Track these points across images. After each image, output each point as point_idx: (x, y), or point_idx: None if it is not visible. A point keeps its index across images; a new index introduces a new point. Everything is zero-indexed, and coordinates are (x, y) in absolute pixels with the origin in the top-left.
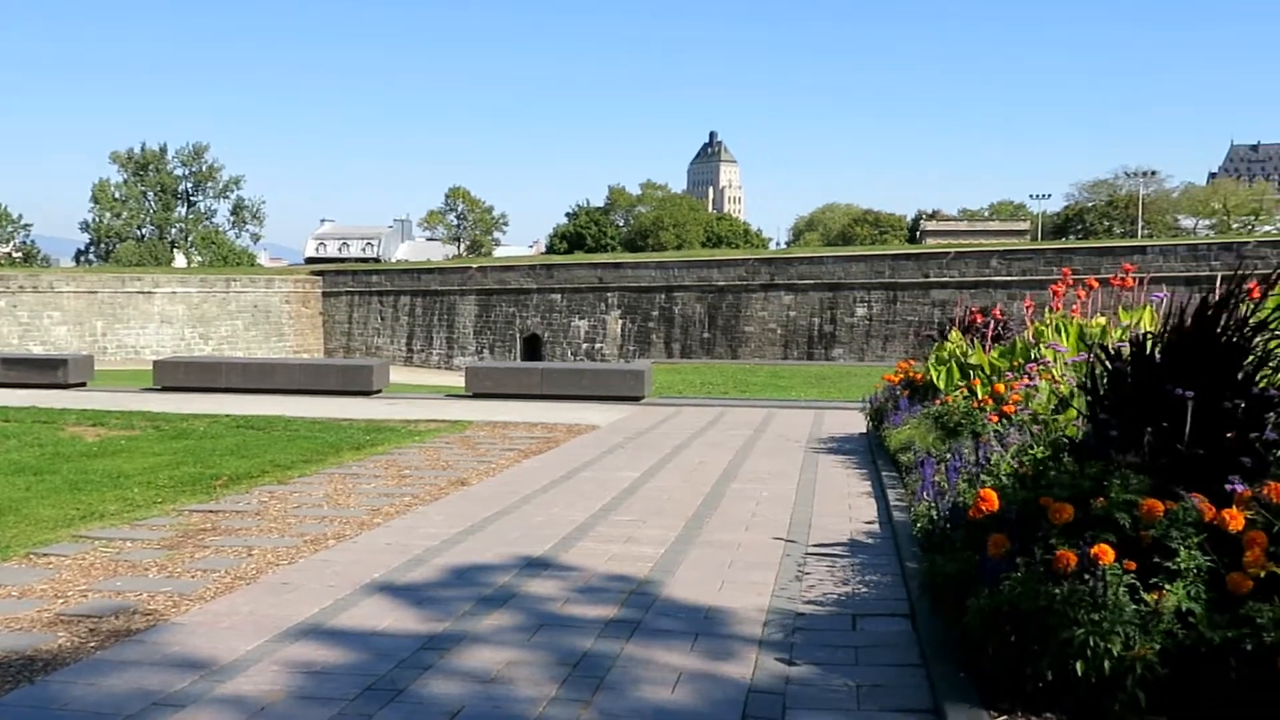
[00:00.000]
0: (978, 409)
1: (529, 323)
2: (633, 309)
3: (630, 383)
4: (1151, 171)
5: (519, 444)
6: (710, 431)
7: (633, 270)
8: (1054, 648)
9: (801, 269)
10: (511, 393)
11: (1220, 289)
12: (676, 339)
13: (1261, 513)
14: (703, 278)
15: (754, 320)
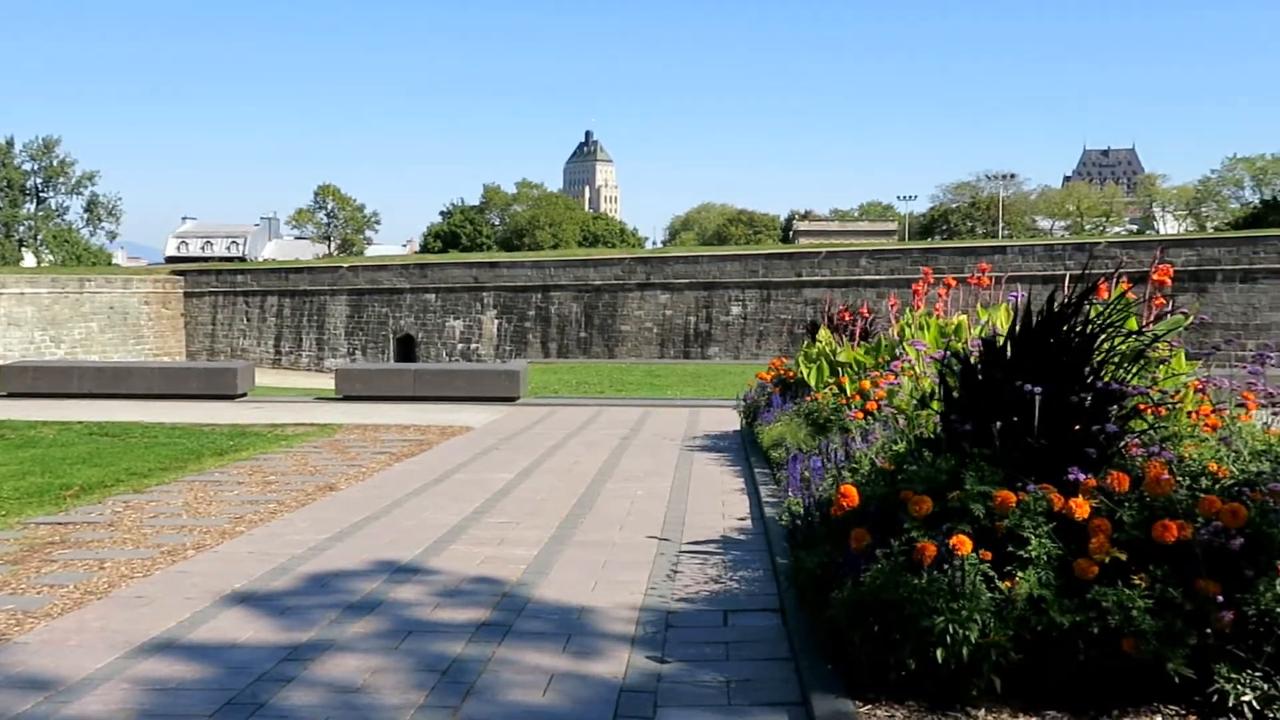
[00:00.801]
0: (846, 405)
1: (402, 323)
2: (509, 309)
3: (505, 383)
4: (1011, 174)
5: (390, 447)
6: (586, 431)
7: (508, 270)
8: (915, 636)
9: (677, 268)
10: (383, 395)
11: (1069, 288)
12: (553, 338)
13: (1105, 501)
14: (579, 277)
15: (630, 319)
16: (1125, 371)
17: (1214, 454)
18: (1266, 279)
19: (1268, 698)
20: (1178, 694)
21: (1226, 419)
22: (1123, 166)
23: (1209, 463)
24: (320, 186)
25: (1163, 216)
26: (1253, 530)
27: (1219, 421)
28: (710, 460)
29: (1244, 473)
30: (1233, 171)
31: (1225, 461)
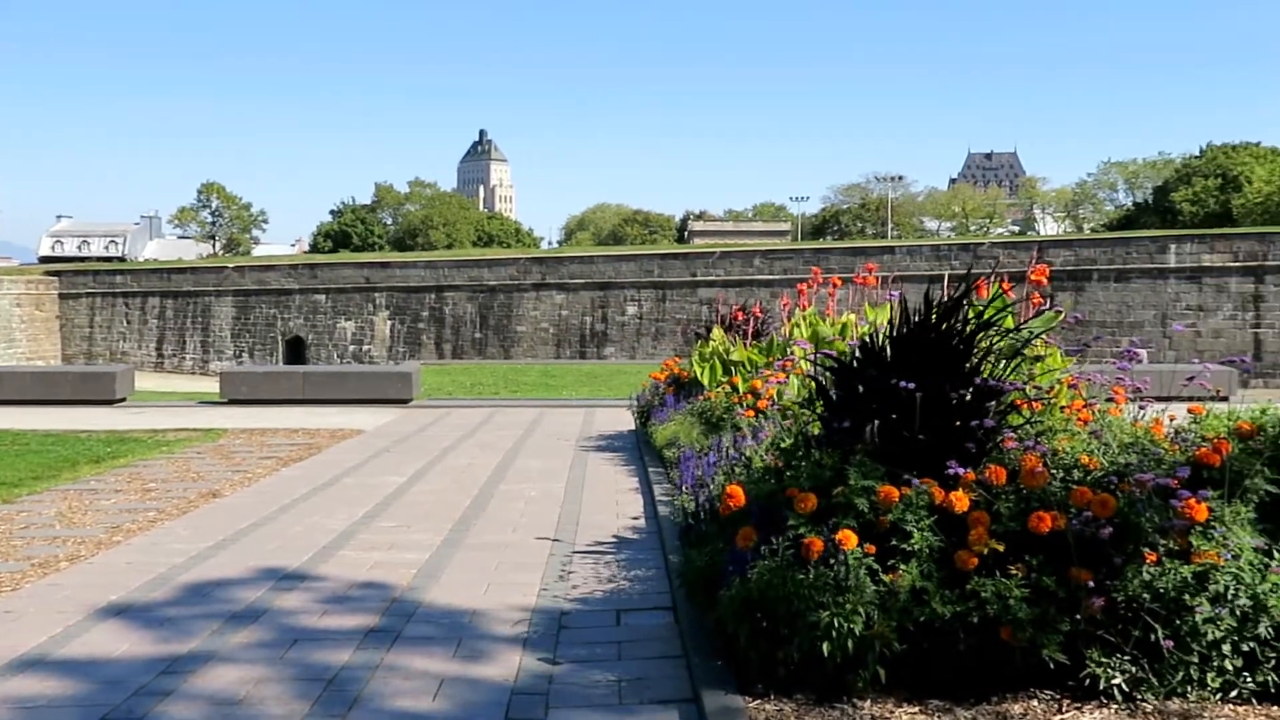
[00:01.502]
0: (738, 404)
1: (291, 325)
2: (402, 309)
3: (398, 385)
4: (899, 176)
5: (278, 451)
6: (480, 432)
7: (401, 270)
8: (802, 631)
9: (573, 268)
10: (271, 398)
11: (949, 288)
12: (448, 339)
13: (984, 494)
14: (474, 277)
15: (526, 320)
16: (1003, 368)
17: (1085, 447)
18: (1139, 278)
19: (1136, 680)
20: (1053, 679)
21: (1097, 413)
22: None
23: (1081, 455)
24: (204, 184)
25: (1043, 218)
26: (1121, 519)
27: (1090, 416)
28: (605, 460)
29: (1113, 464)
30: (1107, 175)
31: (1096, 454)
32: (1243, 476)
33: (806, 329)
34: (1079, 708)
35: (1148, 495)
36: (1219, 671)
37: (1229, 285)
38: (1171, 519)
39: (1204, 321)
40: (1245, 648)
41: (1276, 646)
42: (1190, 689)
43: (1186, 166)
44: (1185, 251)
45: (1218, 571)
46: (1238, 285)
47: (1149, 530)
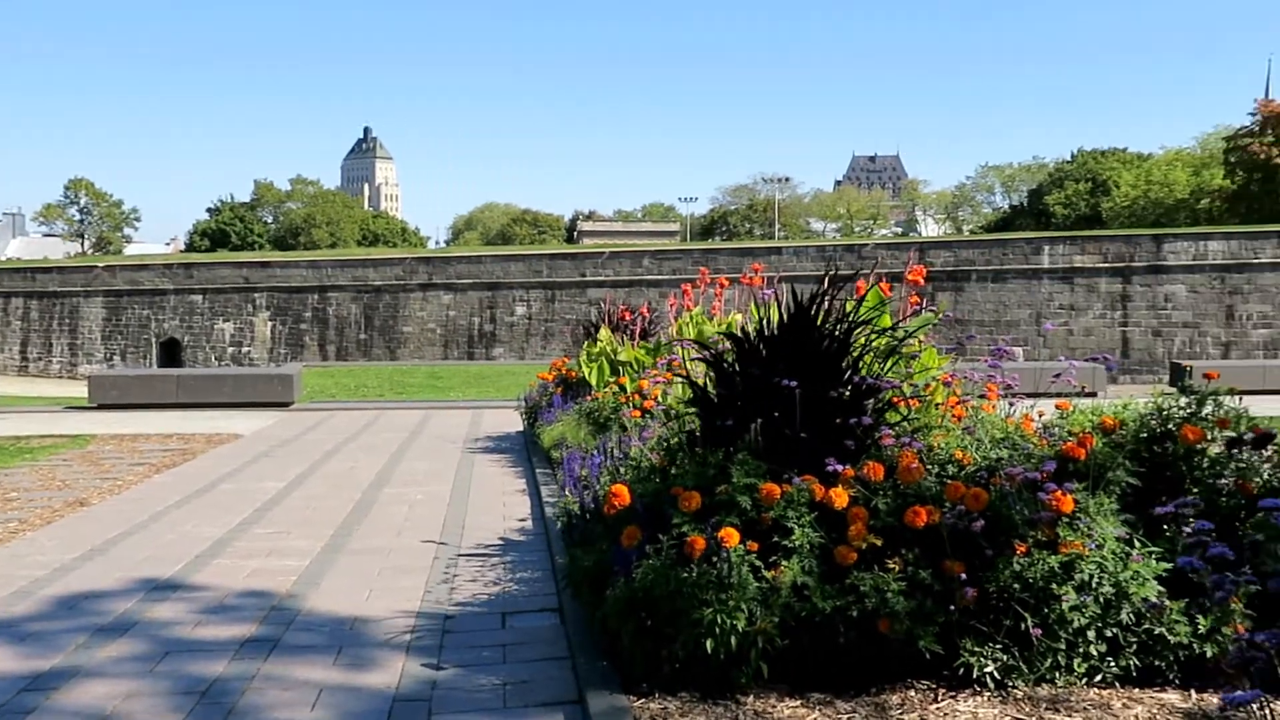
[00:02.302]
0: (626, 404)
1: (166, 326)
2: (283, 310)
3: (278, 388)
4: (786, 178)
5: (150, 458)
6: (364, 435)
7: (282, 270)
8: (686, 628)
9: (461, 268)
10: (143, 402)
11: (827, 288)
12: (331, 341)
13: (862, 490)
14: (358, 277)
15: (413, 320)
16: (881, 367)
17: (959, 443)
18: (1015, 278)
19: (1007, 668)
20: (929, 669)
21: (971, 410)
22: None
23: (955, 451)
24: (72, 180)
25: (924, 219)
26: (993, 513)
27: (964, 412)
28: (492, 462)
29: (986, 459)
30: (985, 178)
31: (969, 449)
32: (1106, 469)
33: (692, 329)
34: (954, 696)
35: (1018, 489)
36: (1085, 657)
37: (1099, 285)
38: (1040, 511)
39: (1076, 320)
40: (1109, 634)
41: (1137, 632)
42: (1058, 675)
43: (1059, 171)
44: (1058, 253)
45: (1083, 561)
46: (1107, 285)
47: (1019, 522)
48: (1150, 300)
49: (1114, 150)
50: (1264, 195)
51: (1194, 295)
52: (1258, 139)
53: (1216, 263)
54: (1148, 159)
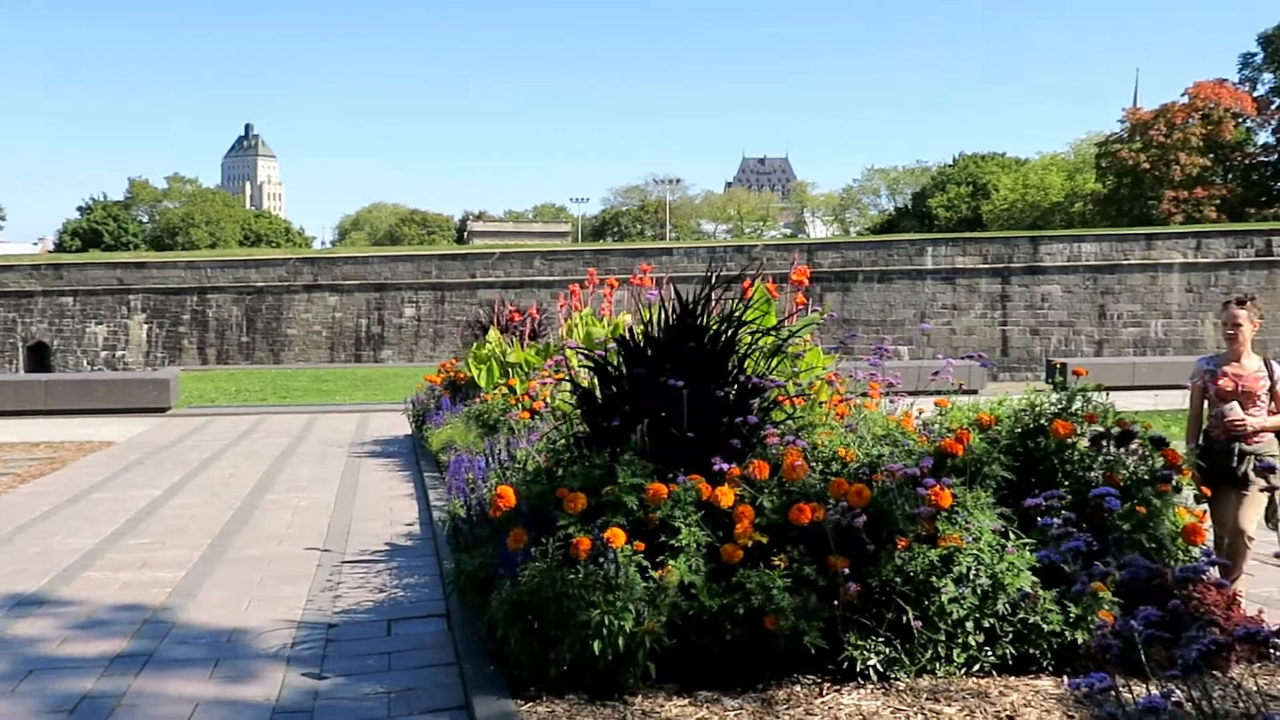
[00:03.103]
0: (515, 405)
1: (34, 330)
2: (160, 312)
3: (154, 393)
4: (677, 179)
5: (15, 467)
6: (245, 441)
7: (159, 270)
8: (573, 630)
9: (347, 269)
10: (10, 410)
11: (712, 288)
12: (211, 344)
13: (748, 488)
14: (240, 278)
15: (297, 323)
16: (767, 366)
17: (842, 440)
18: (900, 279)
19: (890, 661)
20: (815, 664)
21: (854, 408)
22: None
23: (839, 449)
24: None
25: (813, 221)
26: (875, 509)
27: (847, 410)
28: (379, 466)
29: (868, 456)
30: (871, 181)
31: (852, 447)
32: (983, 464)
33: (581, 330)
34: (838, 690)
35: (898, 485)
36: (964, 647)
37: (980, 285)
38: (919, 506)
39: (958, 319)
40: (986, 624)
41: (1013, 621)
42: (939, 665)
43: (942, 174)
44: (941, 254)
45: (961, 554)
46: (987, 286)
47: (900, 518)
48: (1028, 300)
49: (993, 155)
50: (1133, 199)
51: (1069, 295)
52: (1126, 145)
53: (1089, 264)
54: (1025, 164)
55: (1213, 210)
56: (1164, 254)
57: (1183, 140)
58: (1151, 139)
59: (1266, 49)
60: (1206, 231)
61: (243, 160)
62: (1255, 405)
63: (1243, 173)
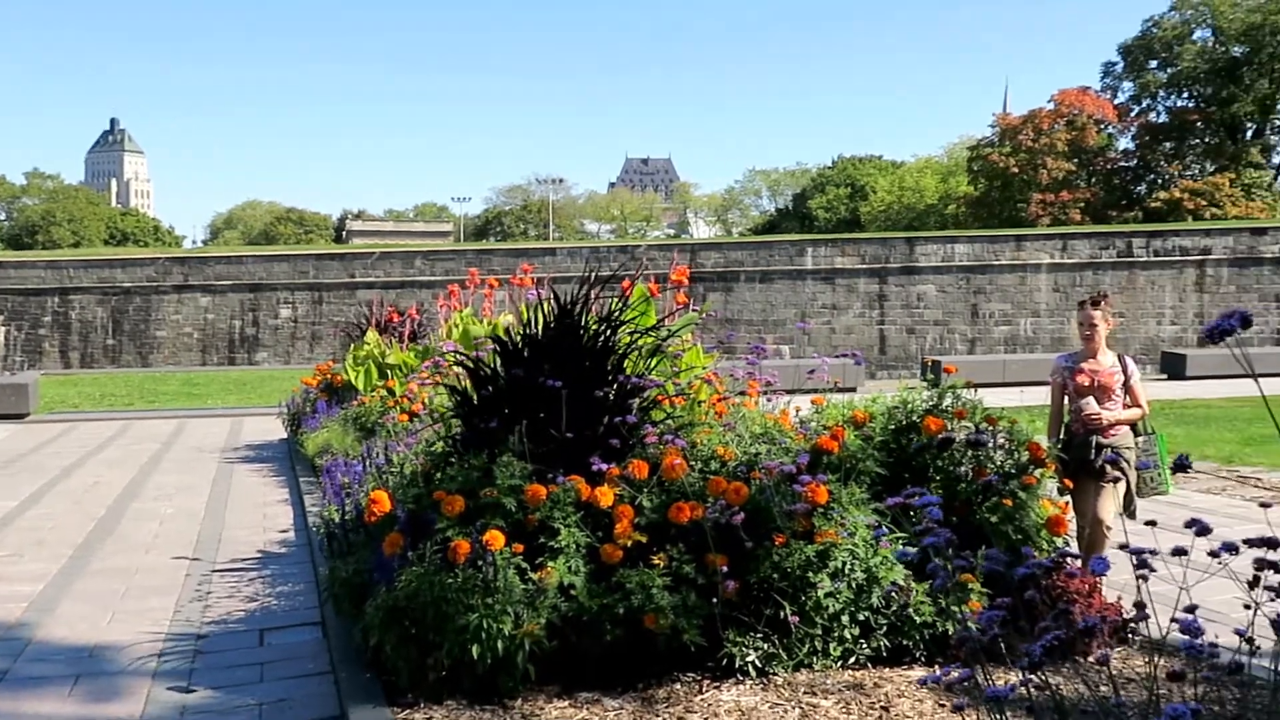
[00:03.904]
0: (393, 408)
1: None
2: (19, 314)
3: (11, 398)
4: (560, 179)
5: None
6: (110, 448)
7: (17, 270)
8: (451, 635)
9: (220, 269)
10: None
11: (590, 288)
12: (74, 347)
13: (628, 488)
14: (105, 279)
15: (167, 324)
16: (647, 366)
17: (721, 439)
18: (781, 279)
19: (768, 656)
20: (695, 661)
21: (733, 406)
22: (661, 175)
23: (717, 447)
24: None
25: (696, 222)
26: (753, 506)
27: (725, 409)
28: (252, 471)
29: (746, 455)
30: (752, 182)
31: (731, 445)
32: (858, 461)
33: (460, 331)
34: (718, 687)
35: (775, 482)
36: (840, 641)
37: (858, 285)
38: (796, 503)
39: (837, 319)
40: (862, 617)
41: (887, 614)
42: (816, 659)
43: (821, 176)
44: (820, 255)
45: (837, 549)
46: (865, 285)
47: (777, 515)
48: (905, 300)
49: (871, 158)
50: (1003, 201)
51: (943, 295)
52: (997, 149)
53: (962, 264)
54: (901, 166)
55: (1077, 213)
56: (1032, 255)
57: (1049, 145)
58: (1020, 143)
59: (1126, 59)
60: (1072, 233)
61: (108, 156)
62: (1111, 400)
63: (1105, 177)
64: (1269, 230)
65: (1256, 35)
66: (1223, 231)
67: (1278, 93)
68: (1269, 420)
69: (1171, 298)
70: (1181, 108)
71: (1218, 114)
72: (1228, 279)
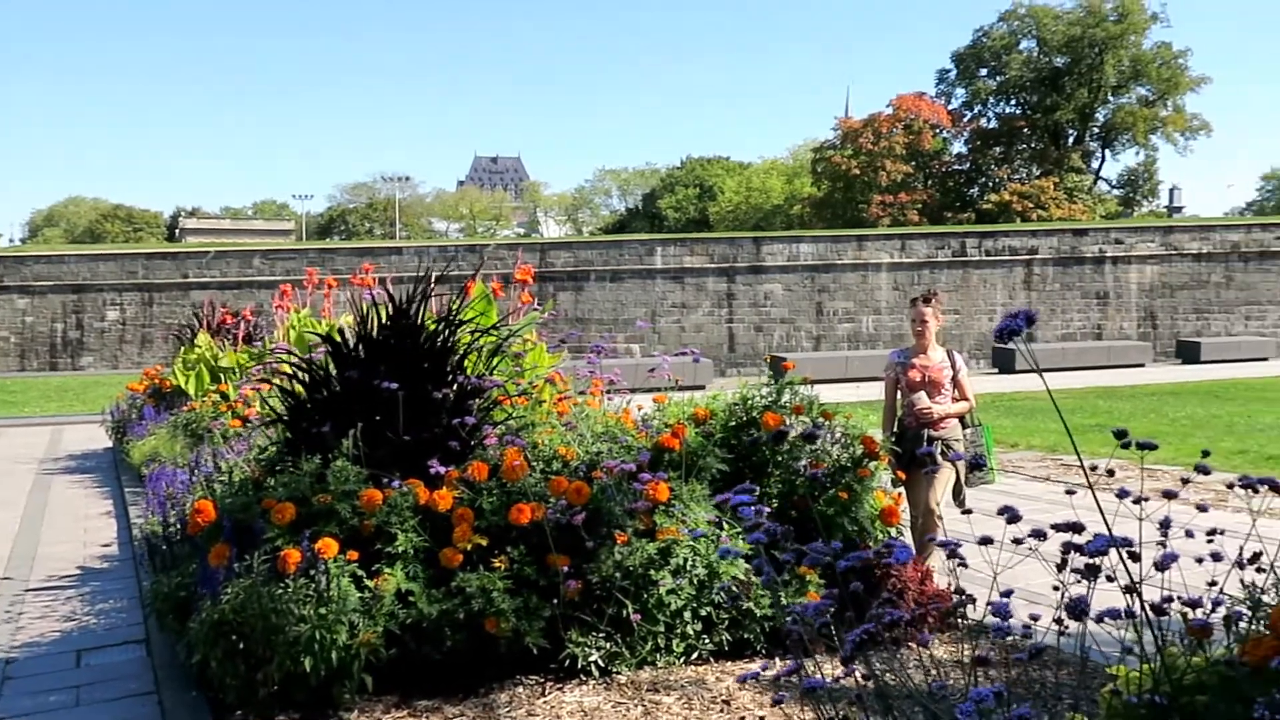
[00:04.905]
0: (226, 413)
1: None
2: None
3: None
4: (406, 177)
5: None
6: None
7: None
8: (282, 648)
9: (39, 269)
10: None
11: (422, 289)
12: None
13: (467, 491)
14: None
15: None
16: (487, 365)
17: (563, 439)
18: (631, 278)
19: (611, 655)
20: (538, 664)
21: (576, 406)
22: (510, 173)
23: (559, 447)
24: None
25: (546, 221)
26: (595, 506)
27: (568, 408)
28: (73, 483)
29: (588, 454)
30: (602, 182)
31: (573, 444)
32: (699, 457)
33: (296, 332)
34: (561, 688)
35: (617, 481)
36: (682, 637)
37: (707, 285)
38: (637, 501)
39: (687, 317)
40: (704, 613)
41: (729, 609)
42: (659, 656)
43: (670, 176)
44: (670, 254)
45: (678, 546)
46: (714, 285)
47: (618, 513)
48: (752, 298)
49: (718, 158)
50: (845, 202)
51: (789, 293)
52: (839, 152)
53: (807, 263)
54: (748, 167)
55: (915, 214)
56: (873, 254)
57: (888, 148)
58: (861, 146)
59: (959, 66)
60: (910, 234)
61: None
62: (941, 394)
63: (940, 179)
64: (1089, 231)
65: (1076, 47)
66: (1048, 232)
67: (1096, 102)
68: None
69: (1002, 295)
70: (1010, 114)
71: (1042, 121)
72: (1053, 277)
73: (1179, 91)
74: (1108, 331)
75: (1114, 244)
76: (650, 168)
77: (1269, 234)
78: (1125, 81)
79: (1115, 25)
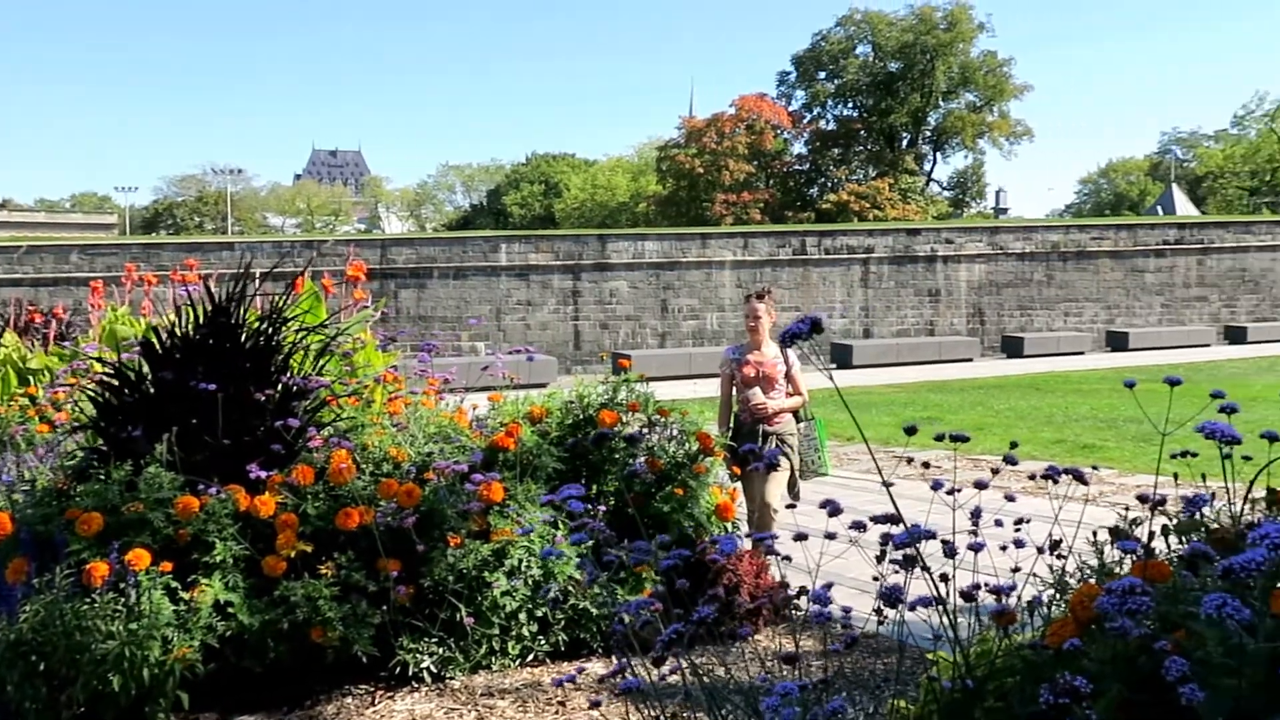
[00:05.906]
0: (33, 418)
1: None
2: None
3: None
4: (239, 169)
5: None
6: None
7: None
8: (88, 667)
9: None
10: None
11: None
12: None
13: (291, 496)
14: None
15: None
16: (315, 365)
17: (394, 440)
18: (475, 275)
19: (445, 660)
20: (369, 672)
21: (410, 406)
22: (351, 167)
23: (390, 449)
24: None
25: (388, 217)
26: (427, 508)
27: (400, 409)
28: None
29: (420, 455)
30: (446, 177)
31: (404, 446)
32: (535, 457)
33: (109, 331)
34: (391, 696)
35: (449, 482)
36: (518, 639)
37: (553, 282)
38: (470, 502)
39: (533, 315)
40: (539, 614)
41: (565, 609)
42: (494, 660)
43: (515, 173)
44: (515, 251)
45: (513, 547)
46: (559, 282)
47: (451, 515)
48: (598, 296)
49: (564, 155)
50: (690, 201)
51: (635, 291)
52: (683, 150)
53: (653, 261)
54: (594, 164)
55: (757, 213)
56: (717, 252)
57: (731, 148)
58: (705, 145)
59: (798, 69)
60: (752, 232)
61: None
62: (775, 389)
63: (782, 179)
64: (922, 231)
65: (909, 53)
66: (884, 232)
67: (928, 106)
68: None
69: (841, 293)
70: (847, 117)
71: (878, 124)
72: (888, 275)
73: (1004, 98)
74: (939, 328)
75: (945, 243)
76: (495, 164)
77: (1085, 235)
78: (955, 87)
79: (945, 33)
